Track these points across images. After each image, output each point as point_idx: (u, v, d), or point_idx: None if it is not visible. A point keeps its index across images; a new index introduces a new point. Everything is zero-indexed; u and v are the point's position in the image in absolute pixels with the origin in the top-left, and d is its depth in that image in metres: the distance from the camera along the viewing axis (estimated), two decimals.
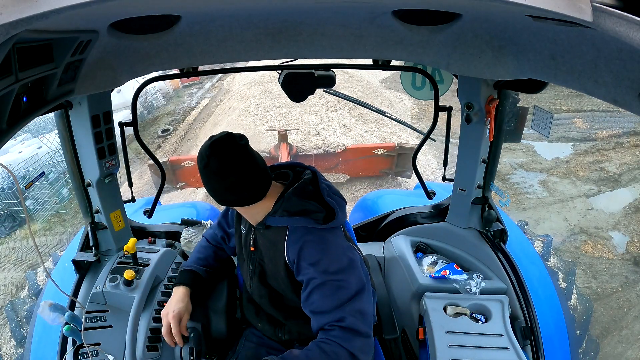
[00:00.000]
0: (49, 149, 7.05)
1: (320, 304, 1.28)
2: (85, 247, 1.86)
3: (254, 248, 1.47)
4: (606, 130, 7.77)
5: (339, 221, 1.39)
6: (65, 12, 0.65)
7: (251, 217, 1.43)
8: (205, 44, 1.39)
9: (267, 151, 6.66)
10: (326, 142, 6.97)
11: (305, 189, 1.39)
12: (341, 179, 6.76)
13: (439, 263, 1.97)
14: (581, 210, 5.70)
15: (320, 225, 1.35)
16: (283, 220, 1.37)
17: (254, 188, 1.31)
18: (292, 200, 1.36)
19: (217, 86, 13.16)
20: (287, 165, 1.53)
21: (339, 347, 1.22)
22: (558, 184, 6.36)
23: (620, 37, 0.68)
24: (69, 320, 1.46)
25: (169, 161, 6.18)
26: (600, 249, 4.95)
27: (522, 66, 1.24)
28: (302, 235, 1.34)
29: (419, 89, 2.10)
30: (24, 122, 0.96)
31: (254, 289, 1.52)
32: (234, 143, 1.27)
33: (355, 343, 1.24)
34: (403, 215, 2.35)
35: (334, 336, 1.24)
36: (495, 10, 1.05)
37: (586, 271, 4.61)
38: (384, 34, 1.37)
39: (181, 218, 2.24)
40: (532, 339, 1.67)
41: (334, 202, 1.40)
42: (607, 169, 6.61)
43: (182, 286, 1.54)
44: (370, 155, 6.58)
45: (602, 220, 5.47)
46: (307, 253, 1.31)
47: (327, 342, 1.24)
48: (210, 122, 10.06)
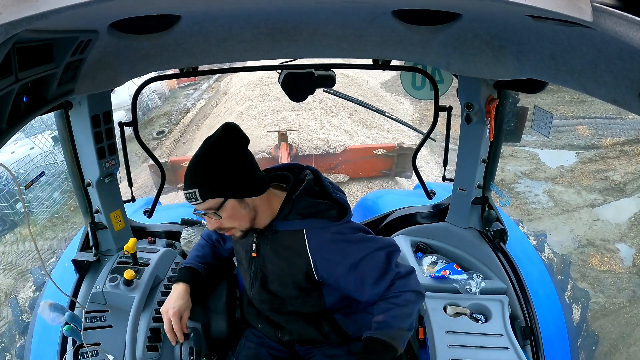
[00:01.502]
0: (41, 150, 6.94)
1: (371, 277, 1.34)
2: (85, 247, 1.86)
3: (256, 254, 1.45)
4: (610, 137, 7.72)
5: (350, 215, 1.43)
6: (65, 12, 0.65)
7: (256, 222, 1.39)
8: (205, 44, 1.39)
9: (267, 152, 6.65)
10: (326, 143, 6.94)
11: (312, 190, 1.39)
12: (341, 180, 6.74)
13: (438, 263, 1.97)
14: (587, 221, 5.65)
15: (336, 222, 1.38)
16: (296, 224, 1.36)
17: (249, 181, 1.31)
18: (303, 201, 1.35)
19: (214, 87, 12.88)
20: (283, 168, 1.51)
21: (405, 293, 1.34)
22: (563, 193, 6.30)
23: (620, 37, 0.68)
24: (69, 320, 1.46)
25: (169, 162, 6.18)
26: (607, 262, 4.89)
27: (522, 66, 1.24)
28: (324, 236, 1.36)
29: (419, 89, 2.10)
30: (24, 122, 0.96)
31: (255, 294, 1.51)
32: (240, 134, 1.32)
33: (411, 282, 1.37)
34: (403, 215, 2.35)
35: (397, 287, 1.34)
36: (495, 10, 1.05)
37: (594, 285, 4.54)
38: (384, 34, 1.37)
39: (181, 218, 2.24)
40: (532, 339, 1.67)
41: (344, 197, 1.42)
42: (612, 178, 6.55)
43: (182, 283, 1.54)
44: (370, 156, 6.59)
45: (608, 231, 5.41)
46: (335, 251, 1.35)
47: (395, 295, 1.34)
48: (206, 125, 9.93)
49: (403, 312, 1.32)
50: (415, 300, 1.35)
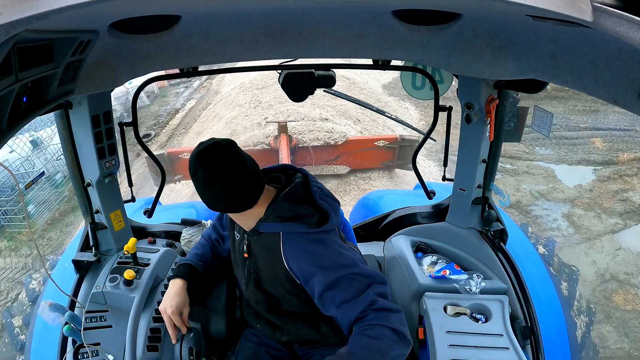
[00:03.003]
0: (19, 155, 6.25)
1: (343, 297, 1.25)
2: (85, 247, 1.86)
3: (248, 254, 1.45)
4: (627, 152, 7.38)
5: (333, 224, 1.37)
6: (65, 12, 0.65)
7: (243, 223, 1.41)
8: (206, 44, 1.39)
9: (266, 143, 6.52)
10: (328, 134, 6.76)
11: (296, 194, 1.37)
12: (342, 171, 6.61)
13: (439, 263, 1.97)
14: (609, 250, 5.29)
15: (314, 229, 1.33)
16: (275, 227, 1.35)
17: (244, 195, 1.28)
18: (283, 205, 1.34)
19: (206, 86, 12.04)
20: (278, 169, 1.51)
21: (380, 327, 1.21)
22: (583, 217, 5.92)
23: (620, 37, 0.68)
24: (69, 320, 1.46)
25: (166, 153, 6.11)
26: (631, 300, 4.51)
27: (522, 66, 1.24)
28: (299, 242, 1.32)
29: (419, 89, 2.10)
30: (24, 122, 0.96)
31: (250, 295, 1.51)
32: (221, 151, 1.25)
33: (392, 319, 1.23)
34: (403, 215, 2.35)
35: (371, 319, 1.22)
36: (495, 10, 1.05)
37: (618, 328, 4.13)
38: (384, 34, 1.37)
39: (181, 218, 2.24)
40: (532, 339, 1.67)
41: (327, 205, 1.38)
42: (631, 199, 6.20)
43: (179, 279, 1.53)
44: (371, 147, 6.47)
45: (631, 262, 5.06)
46: (309, 258, 1.29)
47: (367, 327, 1.22)
48: (193, 130, 9.39)
49: (373, 345, 1.18)
50: (392, 339, 1.19)
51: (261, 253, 1.41)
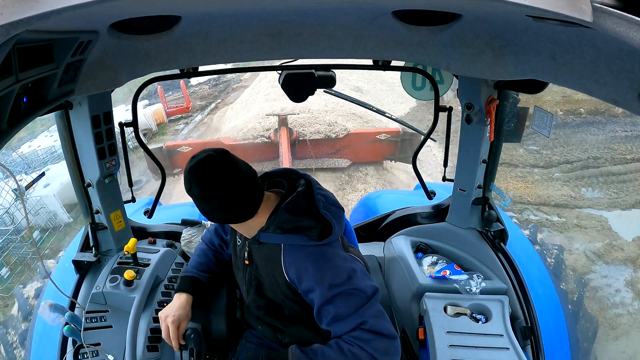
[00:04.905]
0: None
1: (337, 313, 1.23)
2: (85, 247, 1.86)
3: (249, 262, 1.44)
4: None
5: (335, 235, 1.33)
6: (65, 13, 0.65)
7: (245, 231, 1.39)
8: (206, 44, 1.39)
9: (266, 136, 6.49)
10: (329, 127, 6.66)
11: (297, 203, 1.32)
12: (343, 165, 6.51)
13: (439, 263, 1.97)
14: None
15: (315, 242, 1.29)
16: (276, 238, 1.32)
17: (243, 205, 1.26)
18: (284, 215, 1.30)
19: (206, 122, 10.82)
20: (281, 173, 1.48)
21: (359, 348, 1.19)
22: None
23: (620, 37, 0.68)
24: (69, 321, 1.47)
25: (164, 146, 6.09)
26: None
27: (523, 66, 1.24)
28: (299, 255, 1.30)
29: (419, 89, 2.10)
30: (24, 123, 0.96)
31: (251, 301, 1.50)
32: (214, 165, 1.20)
33: (377, 344, 1.20)
34: (403, 215, 2.35)
35: (355, 337, 1.21)
36: (495, 10, 1.06)
37: None
38: (384, 35, 1.37)
39: (181, 218, 2.24)
40: (532, 339, 1.67)
41: (330, 215, 1.33)
42: None
43: (185, 294, 1.51)
44: (373, 141, 6.42)
45: None
46: (309, 273, 1.27)
47: (347, 341, 1.21)
48: None
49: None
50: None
51: (262, 261, 1.39)
